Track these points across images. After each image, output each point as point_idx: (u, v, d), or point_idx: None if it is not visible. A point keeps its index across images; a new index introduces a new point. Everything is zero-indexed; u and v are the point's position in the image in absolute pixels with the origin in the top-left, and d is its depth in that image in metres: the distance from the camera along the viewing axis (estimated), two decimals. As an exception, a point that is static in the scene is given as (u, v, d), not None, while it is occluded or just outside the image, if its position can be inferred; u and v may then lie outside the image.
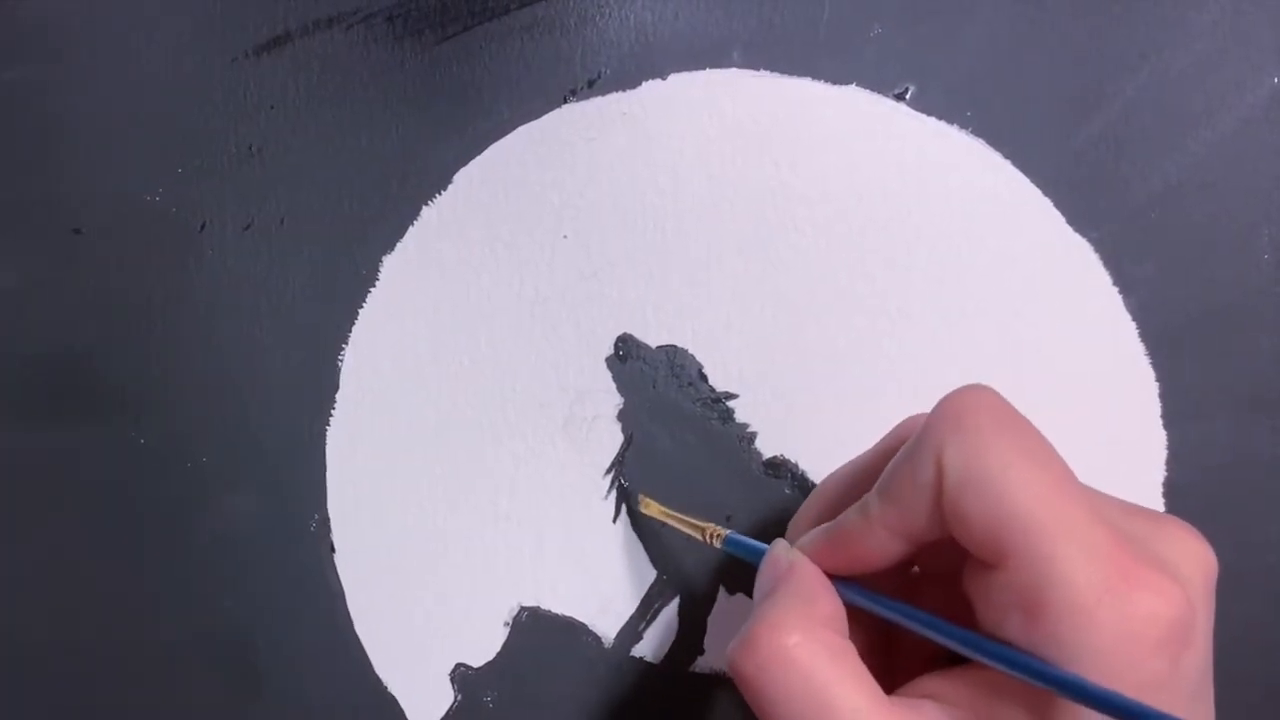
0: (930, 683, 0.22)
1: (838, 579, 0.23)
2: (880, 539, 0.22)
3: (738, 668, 0.21)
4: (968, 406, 0.21)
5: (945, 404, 0.21)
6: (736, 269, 0.30)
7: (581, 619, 0.31)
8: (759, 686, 0.21)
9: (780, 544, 0.25)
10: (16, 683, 0.32)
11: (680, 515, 0.29)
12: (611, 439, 0.30)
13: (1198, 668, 0.20)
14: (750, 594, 0.30)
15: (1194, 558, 0.21)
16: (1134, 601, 0.19)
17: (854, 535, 0.23)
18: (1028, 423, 0.21)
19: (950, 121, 0.30)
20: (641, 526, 0.31)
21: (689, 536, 0.28)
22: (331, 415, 0.31)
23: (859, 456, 0.26)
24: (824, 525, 0.24)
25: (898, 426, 0.25)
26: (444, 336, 0.31)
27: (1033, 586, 0.19)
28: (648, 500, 0.30)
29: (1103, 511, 0.20)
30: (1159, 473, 0.30)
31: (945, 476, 0.20)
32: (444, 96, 0.31)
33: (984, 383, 0.22)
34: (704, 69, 0.30)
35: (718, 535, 0.27)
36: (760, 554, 0.25)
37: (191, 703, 0.32)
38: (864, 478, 0.25)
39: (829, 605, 0.22)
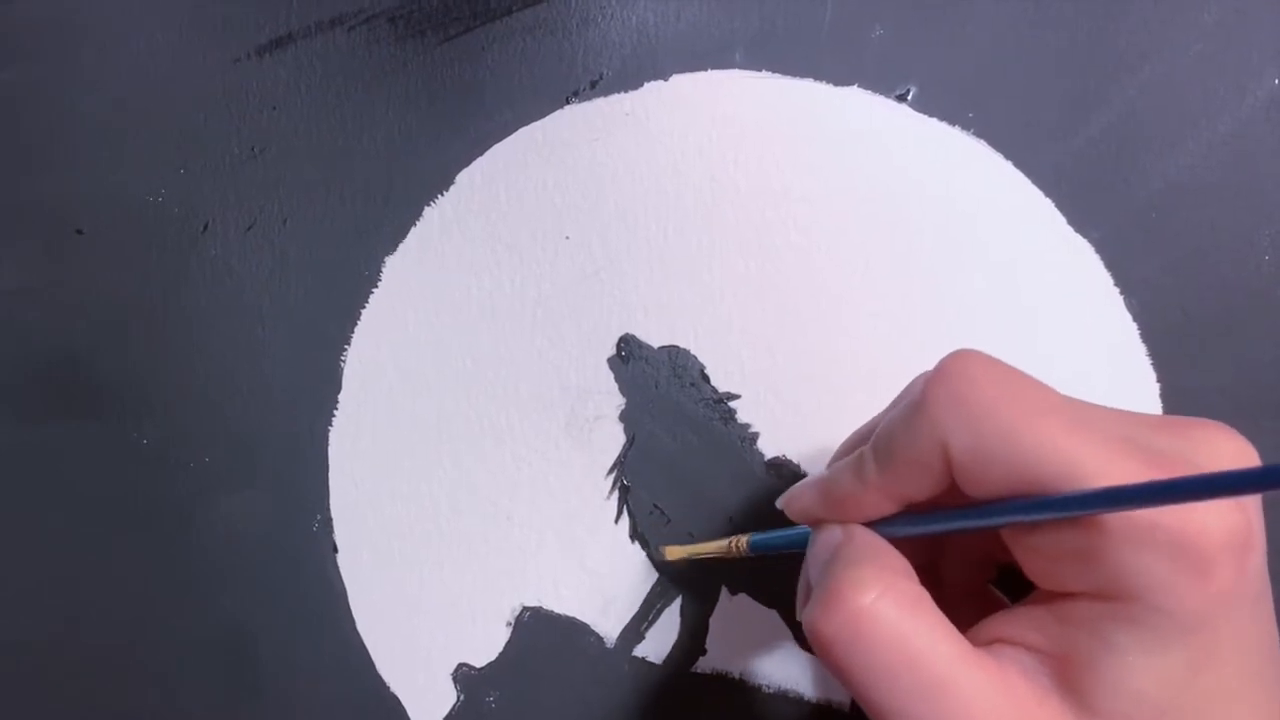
0: (995, 626, 0.22)
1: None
2: (875, 502, 0.22)
3: (819, 633, 0.20)
4: (960, 377, 0.20)
5: (937, 378, 0.21)
6: (739, 269, 0.30)
7: (584, 619, 0.31)
8: (844, 649, 0.20)
9: (824, 525, 0.24)
10: (17, 682, 0.32)
11: (701, 547, 0.29)
12: (613, 439, 0.30)
13: (1260, 568, 0.19)
14: (752, 594, 0.30)
15: (1232, 457, 0.20)
16: (1184, 517, 0.18)
17: (848, 498, 0.23)
18: (1022, 375, 0.21)
19: (952, 123, 0.30)
20: (640, 533, 0.31)
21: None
22: (334, 415, 0.31)
23: (866, 425, 0.26)
24: (814, 485, 0.24)
25: (905, 390, 0.24)
26: (446, 337, 0.31)
27: (1080, 534, 0.19)
28: (669, 548, 0.30)
29: (1129, 435, 0.19)
30: (1160, 473, 0.30)
31: (952, 454, 0.20)
32: (446, 97, 0.31)
33: (970, 347, 0.21)
34: (706, 70, 0.30)
35: (741, 544, 0.27)
36: (788, 540, 0.26)
37: (191, 703, 0.31)
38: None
39: (895, 558, 0.22)
